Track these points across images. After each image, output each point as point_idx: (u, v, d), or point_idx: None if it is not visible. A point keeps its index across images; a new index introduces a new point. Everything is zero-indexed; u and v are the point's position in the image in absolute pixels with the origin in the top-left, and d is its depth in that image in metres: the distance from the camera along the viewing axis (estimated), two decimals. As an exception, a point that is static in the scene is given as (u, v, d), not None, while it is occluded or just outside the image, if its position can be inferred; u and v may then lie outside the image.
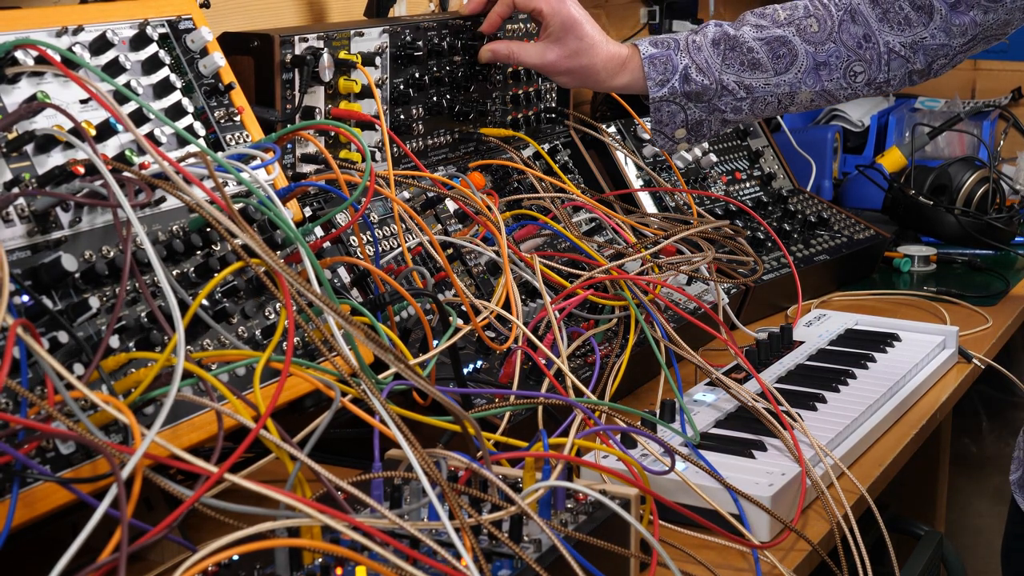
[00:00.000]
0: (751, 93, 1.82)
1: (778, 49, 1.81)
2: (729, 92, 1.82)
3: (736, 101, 1.83)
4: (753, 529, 1.34)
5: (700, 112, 1.84)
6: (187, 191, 1.16)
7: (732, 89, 1.82)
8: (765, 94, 1.83)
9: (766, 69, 1.82)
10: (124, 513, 0.89)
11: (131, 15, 1.32)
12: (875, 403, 1.68)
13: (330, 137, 1.66)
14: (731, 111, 1.84)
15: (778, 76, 1.82)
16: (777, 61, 1.81)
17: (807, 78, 1.82)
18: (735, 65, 1.81)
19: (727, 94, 1.82)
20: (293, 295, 1.13)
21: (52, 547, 0.95)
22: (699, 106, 1.83)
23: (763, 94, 1.83)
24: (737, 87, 1.82)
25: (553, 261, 1.74)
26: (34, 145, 1.16)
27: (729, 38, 1.82)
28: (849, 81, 1.83)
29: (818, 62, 1.81)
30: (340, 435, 1.40)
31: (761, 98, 1.83)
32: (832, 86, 1.83)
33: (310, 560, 1.02)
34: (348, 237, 1.56)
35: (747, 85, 1.82)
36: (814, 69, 1.82)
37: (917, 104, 3.13)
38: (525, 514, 1.05)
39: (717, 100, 1.82)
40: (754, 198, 2.35)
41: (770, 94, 1.83)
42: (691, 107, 1.83)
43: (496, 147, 1.95)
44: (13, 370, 0.99)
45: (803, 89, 1.83)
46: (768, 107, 1.85)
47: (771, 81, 1.82)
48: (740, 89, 1.82)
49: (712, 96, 1.82)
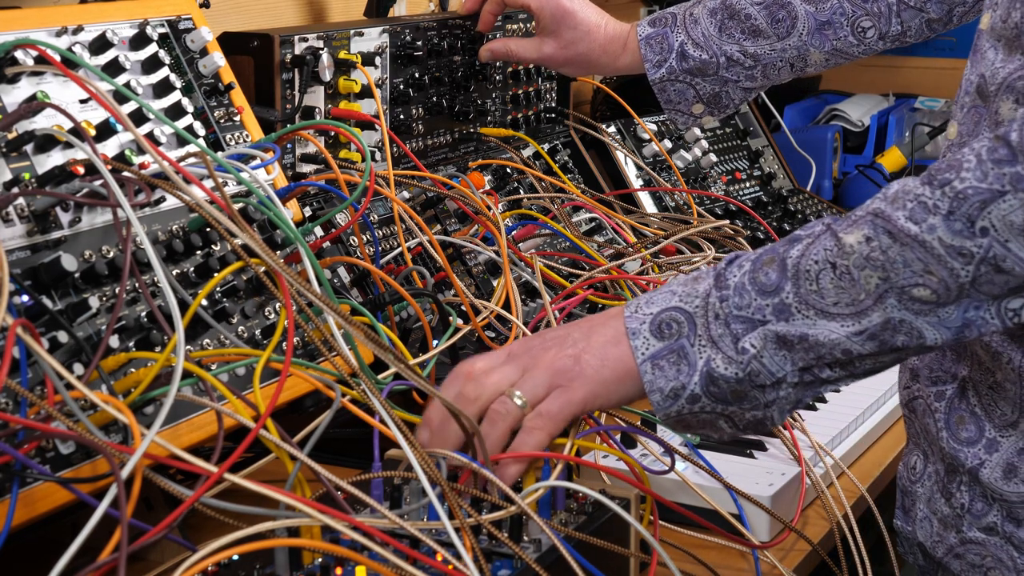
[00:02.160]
0: (759, 61, 1.73)
1: (777, 12, 1.72)
2: (735, 63, 1.73)
3: (746, 70, 1.74)
4: (753, 529, 1.34)
5: (711, 85, 1.75)
6: (187, 191, 1.16)
7: (738, 59, 1.73)
8: (773, 60, 1.74)
9: (768, 35, 1.72)
10: (124, 513, 0.89)
11: (131, 15, 1.32)
12: (875, 403, 1.68)
13: (330, 137, 1.66)
14: (746, 80, 1.75)
15: (781, 41, 1.73)
16: (777, 25, 1.72)
17: (812, 39, 1.72)
18: (735, 34, 1.73)
19: (734, 65, 1.74)
20: (293, 295, 1.13)
21: (52, 547, 0.95)
22: (707, 80, 1.75)
23: (771, 60, 1.74)
24: (743, 56, 1.73)
25: (553, 261, 1.75)
26: (34, 145, 1.16)
27: (727, 6, 1.73)
28: (859, 38, 1.72)
29: (820, 22, 1.72)
30: (340, 435, 1.40)
31: (771, 64, 1.74)
32: (842, 45, 1.73)
33: (310, 560, 1.02)
34: (348, 237, 1.56)
35: (752, 53, 1.73)
36: (818, 30, 1.72)
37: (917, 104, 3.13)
38: (525, 514, 1.05)
39: (725, 72, 1.74)
40: (754, 198, 2.35)
41: (779, 59, 1.74)
42: (699, 82, 1.75)
43: (496, 147, 1.95)
44: (13, 370, 0.99)
45: (812, 51, 1.73)
46: (782, 72, 1.75)
47: (776, 47, 1.73)
48: (746, 58, 1.73)
49: (717, 69, 1.74)
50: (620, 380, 1.12)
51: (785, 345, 1.07)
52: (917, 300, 1.04)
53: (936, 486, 1.32)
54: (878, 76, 3.08)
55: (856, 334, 1.06)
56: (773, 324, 1.07)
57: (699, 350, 1.09)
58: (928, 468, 1.34)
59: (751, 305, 1.08)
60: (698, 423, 1.11)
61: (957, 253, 1.03)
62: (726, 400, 1.09)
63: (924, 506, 1.34)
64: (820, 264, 1.07)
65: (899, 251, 1.04)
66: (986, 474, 1.25)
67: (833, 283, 1.06)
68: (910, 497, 1.37)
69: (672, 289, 1.12)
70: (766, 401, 1.09)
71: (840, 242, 1.06)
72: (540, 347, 1.14)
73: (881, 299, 1.05)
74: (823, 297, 1.06)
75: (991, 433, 1.25)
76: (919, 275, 1.04)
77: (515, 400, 1.11)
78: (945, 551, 1.31)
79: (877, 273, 1.05)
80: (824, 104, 3.02)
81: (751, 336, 1.07)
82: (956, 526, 1.29)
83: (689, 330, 1.09)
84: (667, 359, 1.10)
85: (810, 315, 1.06)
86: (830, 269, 1.06)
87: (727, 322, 1.08)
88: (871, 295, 1.05)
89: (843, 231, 1.07)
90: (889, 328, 1.06)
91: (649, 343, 1.10)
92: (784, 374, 1.08)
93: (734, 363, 1.08)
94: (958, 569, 1.29)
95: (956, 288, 1.04)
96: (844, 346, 1.06)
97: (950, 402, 1.29)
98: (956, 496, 1.29)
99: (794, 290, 1.07)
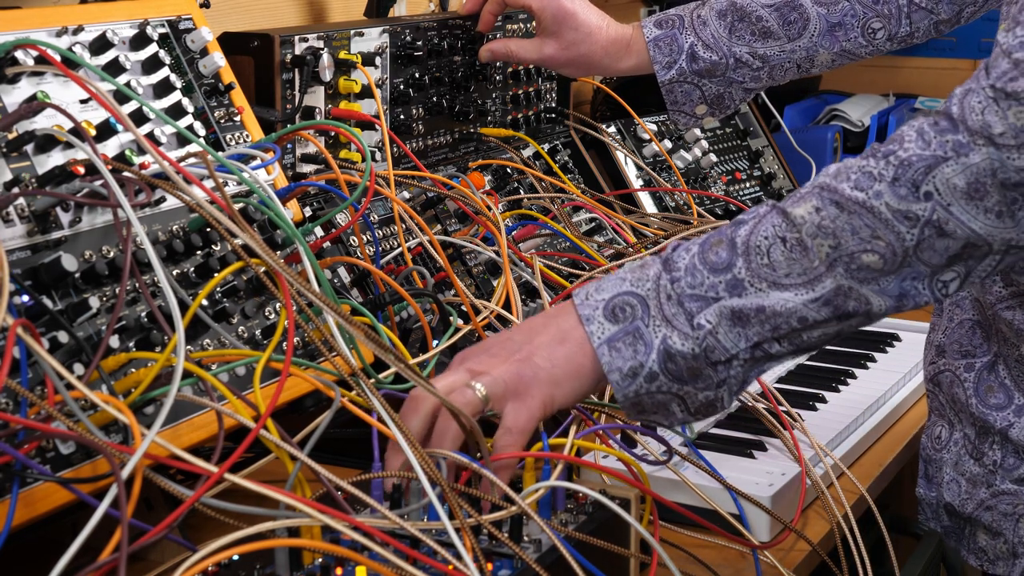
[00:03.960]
0: (767, 62, 1.75)
1: (788, 14, 1.73)
2: (744, 64, 1.75)
3: (753, 71, 1.76)
4: (753, 529, 1.34)
5: (717, 87, 1.77)
6: (187, 191, 1.16)
7: (746, 61, 1.74)
8: (782, 61, 1.75)
9: (778, 36, 1.74)
10: (124, 513, 0.89)
11: (131, 15, 1.32)
12: (875, 403, 1.68)
13: (330, 137, 1.66)
14: (750, 80, 1.77)
15: (792, 42, 1.74)
16: (789, 27, 1.73)
17: (823, 41, 1.74)
18: (745, 36, 1.74)
19: (742, 66, 1.75)
20: (293, 295, 1.13)
21: (52, 547, 0.95)
22: (714, 81, 1.76)
23: (779, 61, 1.75)
24: (751, 58, 1.74)
25: (553, 261, 1.75)
26: (34, 145, 1.16)
27: (736, 8, 1.74)
28: (868, 39, 1.74)
29: (832, 23, 1.73)
30: (340, 435, 1.40)
31: (778, 65, 1.76)
32: (851, 46, 1.75)
33: (310, 560, 1.02)
34: (348, 237, 1.56)
35: (761, 55, 1.74)
36: (829, 31, 1.73)
37: (917, 104, 3.13)
38: (525, 514, 1.05)
39: (732, 73, 1.76)
40: (754, 198, 2.35)
41: (787, 60, 1.75)
42: (705, 83, 1.77)
43: (496, 147, 1.95)
44: (13, 370, 0.99)
45: (820, 52, 1.75)
46: (788, 73, 1.77)
47: (785, 48, 1.74)
48: (755, 60, 1.74)
49: (725, 70, 1.75)
50: (572, 376, 1.14)
51: (740, 320, 1.11)
52: (865, 267, 1.09)
53: (964, 450, 1.43)
54: (878, 76, 3.07)
55: (811, 301, 1.10)
56: (727, 300, 1.11)
57: (654, 330, 1.12)
58: (955, 435, 1.45)
59: (704, 283, 1.11)
60: (652, 405, 1.14)
61: (903, 216, 1.08)
62: (682, 378, 1.12)
63: (951, 470, 1.44)
64: (770, 239, 1.11)
65: (847, 219, 1.09)
66: (1015, 432, 1.39)
67: (784, 255, 1.10)
68: (934, 465, 1.47)
69: (621, 276, 1.15)
70: (718, 380, 1.13)
71: (788, 216, 1.11)
72: (482, 354, 1.16)
73: (832, 266, 1.09)
74: (775, 270, 1.11)
75: (1020, 400, 1.39)
76: (867, 241, 1.09)
77: (475, 390, 1.12)
78: (975, 506, 1.42)
79: (828, 241, 1.09)
80: (824, 104, 3.02)
81: (706, 312, 1.11)
82: (987, 482, 1.40)
83: (643, 312, 1.13)
84: (623, 341, 1.12)
85: (763, 287, 1.11)
86: (780, 243, 1.11)
87: (680, 301, 1.12)
88: (823, 262, 1.09)
89: (790, 207, 1.11)
90: (841, 294, 1.10)
91: (604, 327, 1.13)
92: (738, 351, 1.11)
93: (690, 339, 1.11)
94: (989, 520, 1.41)
95: (901, 253, 1.08)
96: (800, 314, 1.10)
97: (979, 373, 1.41)
98: (988, 455, 1.40)
99: (745, 265, 1.11)
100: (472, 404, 1.11)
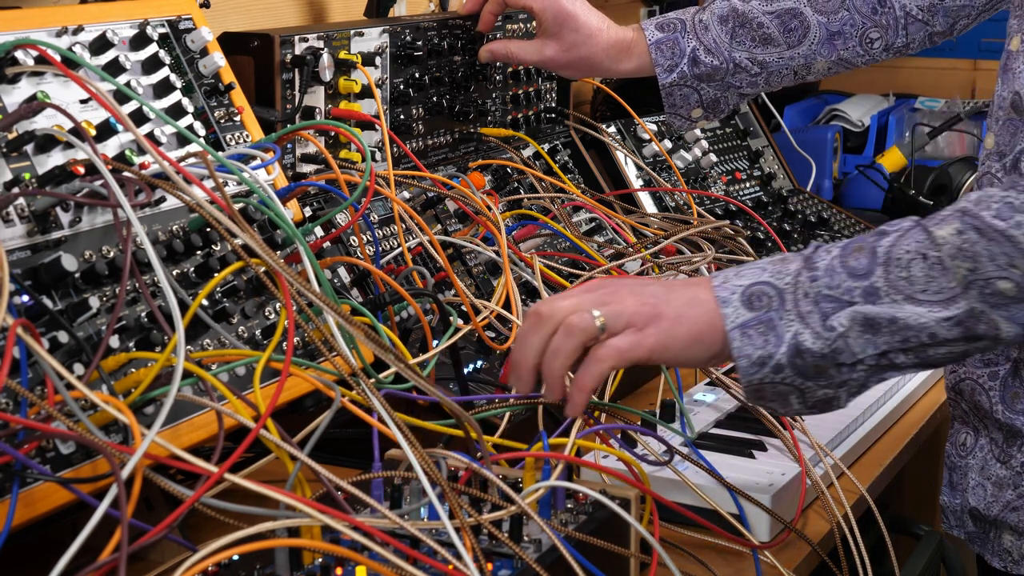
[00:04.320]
0: (765, 68, 1.76)
1: (789, 22, 1.74)
2: (742, 69, 1.76)
3: (751, 77, 1.77)
4: (753, 529, 1.34)
5: (715, 91, 1.78)
6: (187, 191, 1.16)
7: (745, 66, 1.75)
8: (780, 68, 1.77)
9: (778, 43, 1.75)
10: (124, 513, 0.89)
11: (131, 15, 1.32)
12: (875, 403, 1.68)
13: (330, 137, 1.66)
14: (747, 86, 1.78)
15: (791, 49, 1.75)
16: (789, 35, 1.75)
17: (821, 49, 1.75)
18: (746, 42, 1.75)
19: (740, 71, 1.76)
20: (293, 295, 1.13)
21: (52, 547, 0.95)
22: (712, 85, 1.77)
23: (778, 68, 1.77)
24: (750, 64, 1.75)
25: (553, 261, 1.75)
26: (34, 145, 1.16)
27: (738, 14, 1.75)
28: (866, 48, 1.76)
29: (831, 32, 1.75)
30: (340, 435, 1.40)
31: (776, 72, 1.77)
32: (848, 54, 1.76)
33: (310, 560, 1.02)
34: (348, 237, 1.56)
35: (760, 61, 1.75)
36: (828, 39, 1.75)
37: (917, 104, 3.13)
38: (525, 514, 1.05)
39: (730, 78, 1.77)
40: (754, 198, 2.35)
41: (785, 67, 1.77)
42: (704, 87, 1.78)
43: (496, 147, 1.95)
44: (13, 370, 0.99)
45: (818, 60, 1.76)
46: (784, 79, 1.79)
47: (784, 55, 1.75)
48: (753, 65, 1.75)
49: (724, 75, 1.76)
50: (693, 340, 1.16)
51: (871, 328, 1.12)
52: (998, 293, 1.10)
53: (990, 454, 1.42)
54: (878, 76, 3.08)
55: (945, 320, 1.11)
56: (861, 305, 1.12)
57: (787, 324, 1.14)
58: (980, 440, 1.43)
59: (841, 286, 1.13)
60: (773, 394, 1.16)
61: None
62: (807, 374, 1.14)
63: (976, 475, 1.43)
64: (911, 254, 1.12)
65: (986, 245, 1.10)
66: None
67: (923, 272, 1.12)
68: (959, 471, 1.46)
69: (762, 266, 1.17)
70: (840, 380, 1.14)
71: (932, 235, 1.12)
72: (620, 288, 1.18)
73: (967, 289, 1.11)
74: (912, 284, 1.12)
75: None
76: (1003, 268, 1.10)
77: (595, 317, 1.14)
78: (1001, 507, 1.40)
79: (967, 264, 1.10)
80: (824, 104, 3.02)
81: (840, 315, 1.12)
82: (1014, 483, 1.39)
83: (779, 304, 1.14)
84: (756, 329, 1.14)
85: (898, 299, 1.12)
86: (921, 259, 1.12)
87: (816, 300, 1.14)
88: (960, 284, 1.11)
89: (933, 227, 1.13)
90: (973, 316, 1.11)
91: (739, 312, 1.15)
92: (865, 355, 1.13)
93: (821, 339, 1.13)
94: (1015, 521, 1.39)
95: None
96: (932, 330, 1.12)
97: (1003, 381, 1.39)
98: (1016, 457, 1.39)
99: (884, 275, 1.13)
100: (588, 331, 1.14)
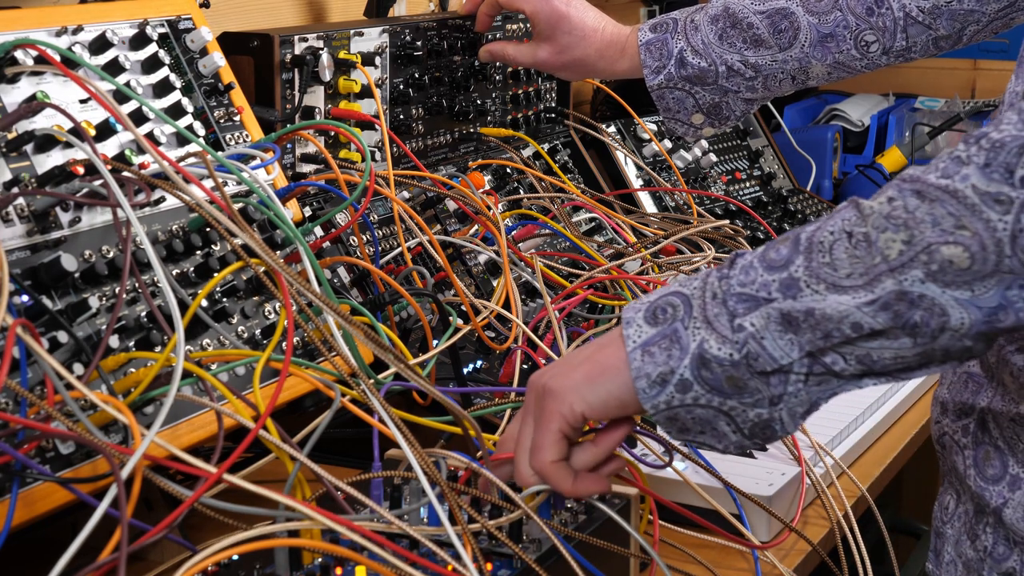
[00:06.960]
0: (759, 72, 1.66)
1: (779, 23, 1.64)
2: (736, 73, 1.66)
3: (747, 81, 1.67)
4: (753, 529, 1.34)
5: (711, 95, 1.68)
6: (187, 191, 1.16)
7: (738, 69, 1.65)
8: (774, 71, 1.66)
9: (769, 46, 1.64)
10: (124, 513, 0.89)
11: (131, 15, 1.32)
12: (875, 403, 1.68)
13: (330, 137, 1.66)
14: (746, 91, 1.68)
15: (783, 52, 1.65)
16: (779, 36, 1.64)
17: (814, 52, 1.64)
18: (736, 43, 1.65)
19: (734, 75, 1.66)
20: (293, 295, 1.13)
21: (52, 547, 0.95)
22: (706, 89, 1.68)
23: (772, 71, 1.66)
24: (743, 67, 1.65)
25: (553, 261, 1.75)
26: (34, 145, 1.16)
27: (729, 13, 1.66)
28: (862, 52, 1.64)
29: (824, 34, 1.63)
30: (340, 435, 1.40)
31: (772, 76, 1.66)
32: (844, 58, 1.64)
33: (310, 560, 1.02)
34: (348, 237, 1.56)
35: (753, 64, 1.65)
36: (820, 42, 1.64)
37: (917, 104, 3.13)
38: (525, 514, 1.05)
39: (725, 82, 1.67)
40: (754, 198, 2.35)
41: (780, 71, 1.66)
42: (698, 91, 1.68)
43: (496, 147, 1.95)
44: (13, 370, 0.99)
45: (813, 63, 1.65)
46: (783, 84, 1.68)
47: (777, 58, 1.65)
48: (747, 69, 1.65)
49: (716, 78, 1.66)
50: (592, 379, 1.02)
51: (790, 326, 0.95)
52: (946, 264, 0.91)
53: (964, 527, 1.26)
54: (878, 76, 3.07)
55: (867, 304, 0.93)
56: (778, 302, 0.96)
57: (693, 332, 0.98)
58: (959, 508, 1.28)
59: (755, 282, 0.97)
60: (694, 421, 0.99)
61: (993, 200, 0.91)
62: (722, 390, 0.97)
63: (952, 549, 1.28)
64: (835, 235, 0.96)
65: (928, 208, 0.92)
66: (1008, 514, 1.19)
67: (847, 252, 0.95)
68: (941, 539, 1.30)
69: (680, 279, 1.03)
70: (771, 396, 0.97)
71: (860, 208, 0.96)
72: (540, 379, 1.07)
73: (902, 268, 0.92)
74: (836, 269, 0.95)
75: (1014, 469, 1.19)
76: (948, 232, 0.91)
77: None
78: None
79: (900, 235, 0.93)
80: (824, 104, 3.02)
81: (752, 315, 0.96)
82: (978, 570, 1.23)
83: (684, 312, 0.99)
84: (658, 345, 0.99)
85: (820, 289, 0.95)
86: (846, 238, 0.95)
87: (724, 300, 0.98)
88: (889, 261, 0.93)
89: (866, 200, 0.97)
90: (905, 300, 0.92)
91: (641, 330, 1.00)
92: (790, 362, 0.96)
93: (728, 342, 0.96)
94: None
95: (993, 246, 0.91)
96: (853, 318, 0.94)
97: (975, 436, 1.23)
98: (981, 538, 1.23)
99: (805, 263, 0.96)
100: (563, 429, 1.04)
